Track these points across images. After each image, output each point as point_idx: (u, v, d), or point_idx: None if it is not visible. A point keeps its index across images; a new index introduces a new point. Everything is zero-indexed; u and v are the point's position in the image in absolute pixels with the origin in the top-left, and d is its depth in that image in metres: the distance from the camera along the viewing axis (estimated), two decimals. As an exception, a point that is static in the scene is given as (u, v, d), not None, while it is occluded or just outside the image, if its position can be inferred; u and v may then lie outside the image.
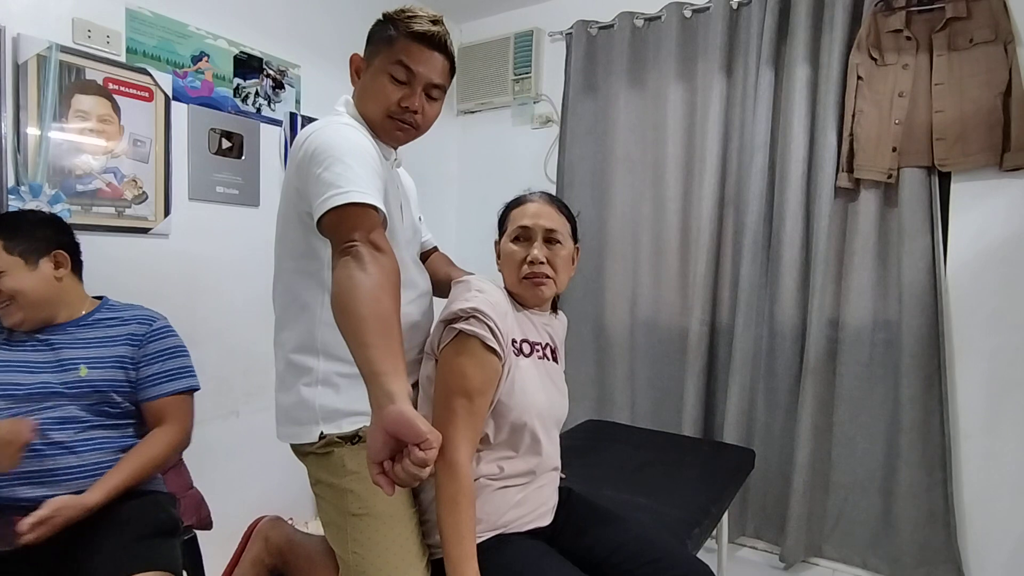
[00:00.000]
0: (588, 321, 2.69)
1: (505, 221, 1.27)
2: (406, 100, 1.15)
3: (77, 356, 1.35)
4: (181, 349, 1.48)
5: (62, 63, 1.69)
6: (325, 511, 1.15)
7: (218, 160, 2.09)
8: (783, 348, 2.29)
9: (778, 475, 2.31)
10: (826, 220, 2.18)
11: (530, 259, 1.19)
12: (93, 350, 1.37)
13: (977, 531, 2.04)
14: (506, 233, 1.25)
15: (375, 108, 1.17)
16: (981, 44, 1.95)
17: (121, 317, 1.44)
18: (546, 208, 1.24)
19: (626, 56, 2.60)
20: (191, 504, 1.60)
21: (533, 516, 1.18)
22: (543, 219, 1.21)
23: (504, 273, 1.25)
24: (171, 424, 1.41)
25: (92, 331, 1.40)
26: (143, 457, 1.34)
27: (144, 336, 1.42)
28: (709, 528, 1.62)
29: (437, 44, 1.15)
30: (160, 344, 1.44)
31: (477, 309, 1.10)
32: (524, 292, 1.22)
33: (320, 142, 1.05)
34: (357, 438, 1.13)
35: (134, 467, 1.32)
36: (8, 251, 1.32)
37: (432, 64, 1.15)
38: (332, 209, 0.98)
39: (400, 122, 1.17)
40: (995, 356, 2.02)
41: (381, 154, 1.19)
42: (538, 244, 1.20)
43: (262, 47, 2.22)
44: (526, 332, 1.22)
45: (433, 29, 1.14)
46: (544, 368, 1.23)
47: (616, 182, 2.63)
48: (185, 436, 1.45)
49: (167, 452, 1.39)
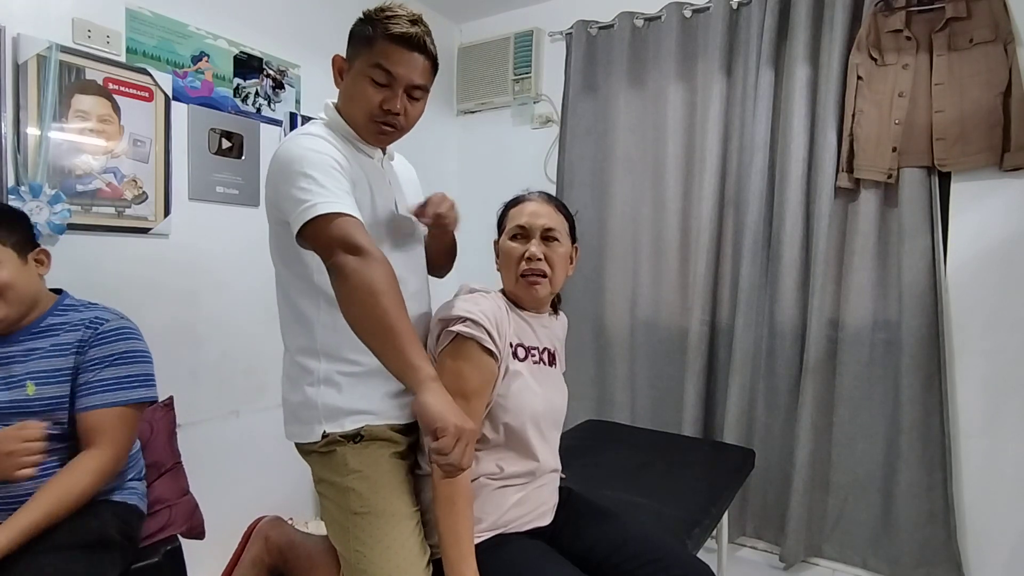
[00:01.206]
0: (588, 321, 2.69)
1: (504, 220, 1.29)
2: (388, 103, 1.15)
3: (25, 371, 1.22)
4: (130, 355, 1.29)
5: (62, 63, 1.69)
6: (328, 510, 1.16)
7: (218, 160, 2.09)
8: (783, 348, 2.29)
9: (778, 475, 2.31)
10: (826, 220, 2.18)
11: (527, 255, 1.19)
12: (41, 362, 1.23)
13: (977, 531, 2.04)
14: (504, 231, 1.27)
15: (357, 111, 1.17)
16: (981, 44, 1.95)
17: (72, 322, 1.28)
18: (544, 207, 1.25)
19: (626, 56, 2.60)
20: (183, 511, 1.52)
21: (533, 516, 1.18)
22: (541, 218, 1.22)
23: (502, 272, 1.26)
24: (100, 446, 1.21)
25: (41, 340, 1.26)
26: (60, 490, 1.15)
27: (87, 341, 1.25)
28: (709, 528, 1.62)
29: (416, 45, 1.14)
30: (104, 349, 1.26)
31: (474, 312, 1.11)
32: (520, 292, 1.23)
33: (284, 158, 1.10)
34: (359, 437, 1.14)
35: (50, 502, 1.13)
36: (2, 243, 1.23)
37: (412, 65, 1.15)
38: (305, 224, 1.02)
39: (382, 124, 1.18)
40: (995, 356, 2.02)
41: (365, 153, 1.22)
42: (535, 242, 1.21)
43: (262, 47, 2.22)
44: (522, 336, 1.22)
45: (411, 30, 1.13)
46: (540, 372, 1.23)
47: (616, 182, 2.63)
48: (115, 461, 1.24)
49: (93, 482, 1.19)
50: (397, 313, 0.98)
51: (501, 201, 1.33)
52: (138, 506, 1.37)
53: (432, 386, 0.94)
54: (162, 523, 1.46)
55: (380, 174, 1.24)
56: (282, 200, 1.08)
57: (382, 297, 0.98)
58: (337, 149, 1.14)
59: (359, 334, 1.00)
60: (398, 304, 0.99)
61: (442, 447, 0.89)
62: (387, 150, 1.29)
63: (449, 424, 0.90)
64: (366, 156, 1.23)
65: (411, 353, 0.97)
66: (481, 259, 1.66)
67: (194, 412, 1.98)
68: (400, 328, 0.97)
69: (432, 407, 0.92)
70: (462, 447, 0.90)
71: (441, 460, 0.90)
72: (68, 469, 1.20)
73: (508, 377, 1.15)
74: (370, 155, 1.24)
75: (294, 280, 1.18)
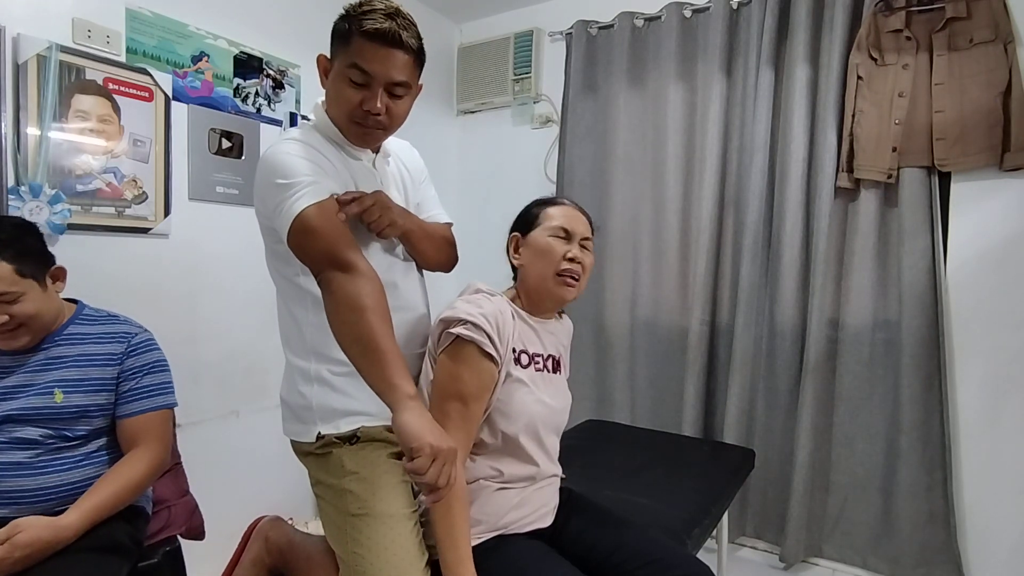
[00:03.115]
0: (588, 321, 2.69)
1: (537, 217, 1.26)
2: (367, 103, 1.11)
3: (51, 379, 1.27)
4: (160, 364, 1.40)
5: (62, 63, 1.69)
6: (325, 511, 1.15)
7: (218, 160, 2.09)
8: (783, 348, 2.29)
9: (778, 475, 2.31)
10: (826, 220, 2.18)
11: (570, 255, 1.20)
12: (68, 371, 1.28)
13: (977, 531, 2.04)
14: (540, 227, 1.24)
15: (339, 113, 1.15)
16: (981, 44, 1.95)
17: (98, 334, 1.35)
18: (581, 216, 1.27)
19: (626, 56, 2.60)
20: (183, 512, 1.53)
21: (534, 517, 1.18)
22: (582, 224, 1.25)
23: (531, 266, 1.23)
24: (149, 444, 1.32)
25: (65, 348, 1.31)
26: (123, 479, 1.26)
27: (123, 354, 1.34)
28: (709, 528, 1.62)
29: (393, 40, 1.08)
30: (139, 359, 1.36)
31: (475, 315, 1.10)
32: (552, 288, 1.21)
33: (265, 167, 1.11)
34: (355, 438, 1.13)
35: (115, 490, 1.24)
36: (21, 275, 1.23)
37: (390, 62, 1.09)
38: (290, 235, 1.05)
39: (364, 125, 1.14)
40: (995, 356, 2.02)
41: (352, 155, 1.20)
42: (576, 246, 1.23)
43: (262, 47, 2.22)
44: (527, 342, 1.21)
45: (386, 25, 1.07)
46: (542, 380, 1.22)
47: (616, 182, 2.63)
48: (166, 456, 1.37)
49: (148, 474, 1.30)
50: (381, 331, 0.99)
51: (501, 201, 1.33)
52: (144, 508, 1.40)
53: (410, 405, 0.94)
54: (162, 523, 1.46)
55: (369, 175, 1.21)
56: (268, 211, 1.10)
57: (366, 313, 0.99)
58: (319, 151, 1.13)
59: (343, 349, 1.03)
60: (383, 320, 1.01)
61: (417, 468, 0.88)
62: (381, 149, 1.26)
63: (424, 444, 0.89)
64: (353, 158, 1.20)
65: (391, 372, 0.97)
66: (481, 259, 1.66)
67: (194, 412, 1.98)
68: (383, 347, 0.98)
69: (408, 426, 0.91)
70: (438, 467, 0.89)
71: (418, 480, 0.89)
72: (126, 462, 1.29)
73: (509, 384, 1.15)
74: (358, 156, 1.21)
75: (282, 282, 1.20)
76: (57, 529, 1.14)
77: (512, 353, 1.16)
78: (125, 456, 1.31)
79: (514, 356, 1.17)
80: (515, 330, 1.18)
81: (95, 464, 1.29)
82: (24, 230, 1.30)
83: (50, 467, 1.24)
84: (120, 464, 1.29)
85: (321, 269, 1.04)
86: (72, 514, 1.17)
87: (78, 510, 1.18)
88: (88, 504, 1.19)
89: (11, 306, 1.21)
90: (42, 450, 1.24)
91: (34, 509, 1.19)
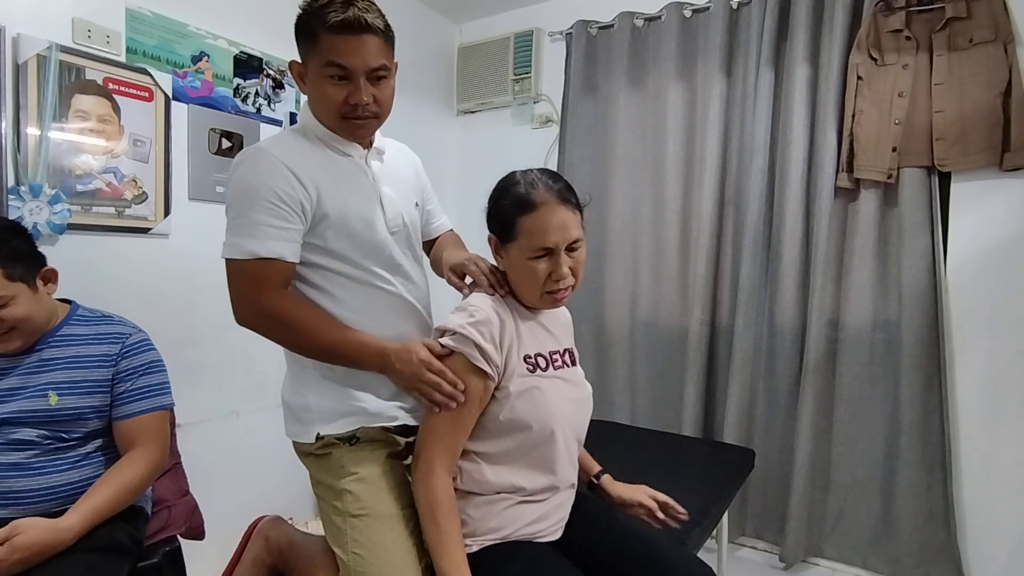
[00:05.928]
0: (588, 321, 2.69)
1: (512, 227, 1.11)
2: (353, 97, 1.10)
3: (45, 381, 1.26)
4: (156, 365, 1.39)
5: (62, 63, 1.69)
6: (325, 512, 1.16)
7: (218, 160, 2.09)
8: (783, 348, 2.29)
9: (778, 475, 2.31)
10: (826, 220, 2.18)
11: (555, 277, 1.09)
12: (61, 373, 1.28)
13: (977, 531, 2.04)
14: (518, 246, 1.10)
15: (326, 113, 1.14)
16: (981, 44, 1.95)
17: (92, 334, 1.34)
18: (562, 210, 1.09)
19: (626, 56, 2.60)
20: (183, 511, 1.53)
21: (549, 532, 1.16)
22: (567, 230, 1.09)
23: (518, 283, 1.15)
24: (147, 445, 1.31)
25: (58, 349, 1.30)
26: (122, 481, 1.25)
27: (117, 355, 1.33)
28: (709, 528, 1.62)
29: (360, 27, 1.07)
30: (134, 360, 1.34)
31: (465, 326, 1.08)
32: (542, 304, 1.16)
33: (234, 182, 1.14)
34: (355, 439, 1.14)
35: (113, 491, 1.23)
36: (10, 278, 1.22)
37: (364, 51, 1.08)
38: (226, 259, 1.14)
39: (355, 119, 1.14)
40: (995, 356, 2.02)
41: (341, 152, 1.18)
42: (562, 257, 1.10)
43: (262, 47, 2.22)
44: (541, 343, 1.18)
45: (349, 14, 1.06)
46: (565, 378, 1.19)
47: (616, 182, 2.63)
48: (164, 457, 1.36)
49: (147, 475, 1.29)
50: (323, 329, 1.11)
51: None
52: (144, 508, 1.40)
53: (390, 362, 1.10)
54: (162, 523, 1.46)
55: (359, 172, 1.19)
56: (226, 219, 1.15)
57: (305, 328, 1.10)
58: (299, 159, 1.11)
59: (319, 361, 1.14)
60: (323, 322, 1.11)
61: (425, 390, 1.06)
62: (375, 145, 1.23)
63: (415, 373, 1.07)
64: (342, 155, 1.18)
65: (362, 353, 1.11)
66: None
67: (194, 412, 1.98)
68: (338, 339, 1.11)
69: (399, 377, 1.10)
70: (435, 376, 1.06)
71: (437, 398, 1.06)
72: (124, 463, 1.28)
73: (530, 392, 1.11)
74: (347, 153, 1.19)
75: None
76: (57, 531, 1.13)
77: (527, 362, 1.13)
78: (123, 457, 1.30)
79: (529, 365, 1.13)
80: (519, 331, 1.14)
81: (93, 464, 1.29)
82: (12, 232, 1.29)
83: (48, 468, 1.24)
84: (118, 465, 1.28)
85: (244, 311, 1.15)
86: (72, 516, 1.17)
87: (78, 512, 1.18)
88: (87, 506, 1.19)
89: (1, 310, 1.21)
90: (39, 451, 1.23)
91: (33, 510, 1.20)
